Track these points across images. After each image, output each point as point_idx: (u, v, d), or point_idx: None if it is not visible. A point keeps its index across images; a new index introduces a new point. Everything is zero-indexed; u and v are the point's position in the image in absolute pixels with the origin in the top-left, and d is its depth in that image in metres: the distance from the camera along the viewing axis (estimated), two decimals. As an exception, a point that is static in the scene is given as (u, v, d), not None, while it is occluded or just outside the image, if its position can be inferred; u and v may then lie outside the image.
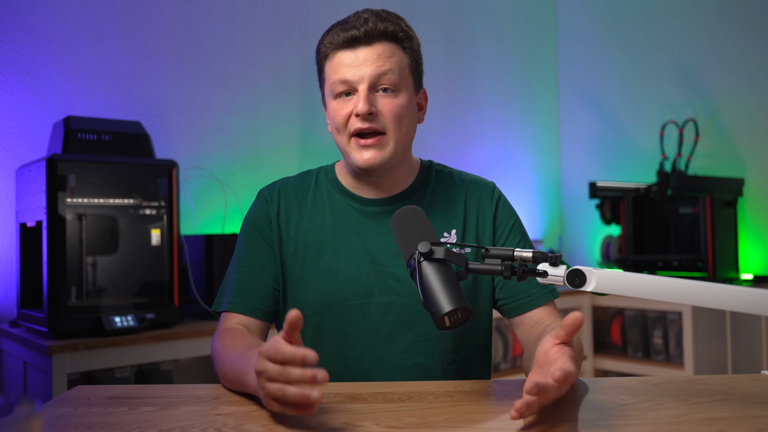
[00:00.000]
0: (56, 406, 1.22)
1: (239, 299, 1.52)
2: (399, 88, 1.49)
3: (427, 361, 1.51)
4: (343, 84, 1.48)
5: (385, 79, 1.47)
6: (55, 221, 2.43)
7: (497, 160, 4.66)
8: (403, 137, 1.51)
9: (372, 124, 1.46)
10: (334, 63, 1.50)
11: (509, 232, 1.61)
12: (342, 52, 1.48)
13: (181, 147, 3.33)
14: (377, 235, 1.55)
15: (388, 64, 1.48)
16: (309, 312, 1.52)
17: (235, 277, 1.56)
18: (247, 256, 1.57)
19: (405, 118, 1.51)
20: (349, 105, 1.48)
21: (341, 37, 1.48)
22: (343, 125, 1.49)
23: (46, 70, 2.96)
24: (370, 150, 1.47)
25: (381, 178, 1.56)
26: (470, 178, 1.67)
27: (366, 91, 1.46)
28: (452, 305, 1.11)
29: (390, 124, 1.48)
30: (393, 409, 1.17)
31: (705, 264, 3.71)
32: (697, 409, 1.15)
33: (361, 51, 1.47)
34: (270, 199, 1.61)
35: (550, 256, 1.16)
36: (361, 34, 1.47)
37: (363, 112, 1.45)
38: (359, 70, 1.46)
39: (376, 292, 1.51)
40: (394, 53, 1.50)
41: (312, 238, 1.56)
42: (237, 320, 1.51)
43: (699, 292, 1.11)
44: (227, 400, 1.25)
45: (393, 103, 1.48)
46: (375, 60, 1.47)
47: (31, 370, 2.51)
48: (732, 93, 4.06)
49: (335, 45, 1.49)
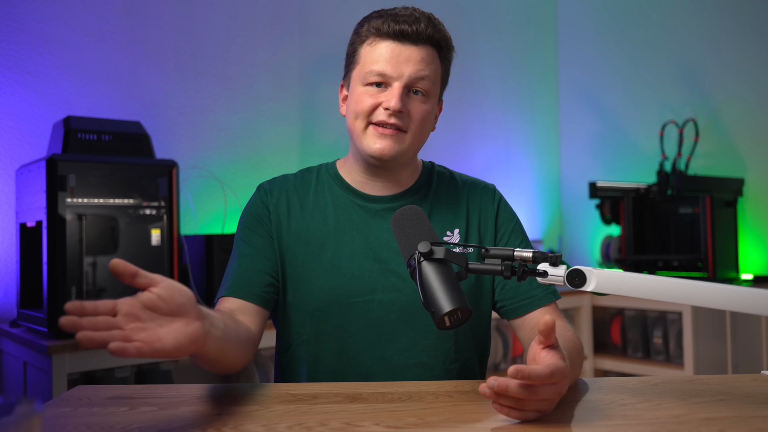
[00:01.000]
0: (56, 406, 1.21)
1: (235, 285, 1.49)
2: (429, 94, 1.51)
3: (429, 360, 1.51)
4: (379, 76, 1.47)
5: (421, 84, 1.48)
6: (55, 221, 2.42)
7: (497, 160, 4.65)
8: (419, 140, 1.53)
9: (398, 121, 1.47)
10: (376, 51, 1.48)
11: (511, 233, 1.61)
12: (387, 43, 1.48)
13: (181, 147, 3.33)
14: (380, 232, 1.54)
15: (428, 69, 1.49)
16: (311, 308, 1.51)
17: (235, 266, 1.53)
18: (246, 245, 1.55)
19: (427, 124, 1.53)
20: (380, 97, 1.48)
21: (391, 27, 1.47)
22: (366, 113, 1.49)
23: (46, 70, 2.96)
24: (387, 139, 1.48)
25: (386, 173, 1.56)
26: (471, 180, 1.68)
27: (401, 89, 1.46)
28: (452, 305, 1.11)
29: (414, 126, 1.49)
30: (393, 409, 1.17)
31: (705, 264, 3.71)
32: (697, 409, 1.15)
33: (406, 48, 1.47)
34: (269, 193, 1.60)
35: (550, 256, 1.16)
36: (412, 32, 1.47)
37: (396, 109, 1.45)
38: (400, 68, 1.47)
39: (378, 289, 1.51)
40: (434, 60, 1.51)
41: (314, 234, 1.55)
42: (227, 305, 1.47)
43: (699, 292, 1.11)
44: (227, 400, 1.25)
45: (422, 107, 1.50)
46: (418, 62, 1.47)
47: (31, 370, 2.50)
48: (732, 93, 4.06)
49: (382, 33, 1.48)
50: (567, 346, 1.36)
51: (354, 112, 1.51)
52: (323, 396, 1.26)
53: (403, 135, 1.49)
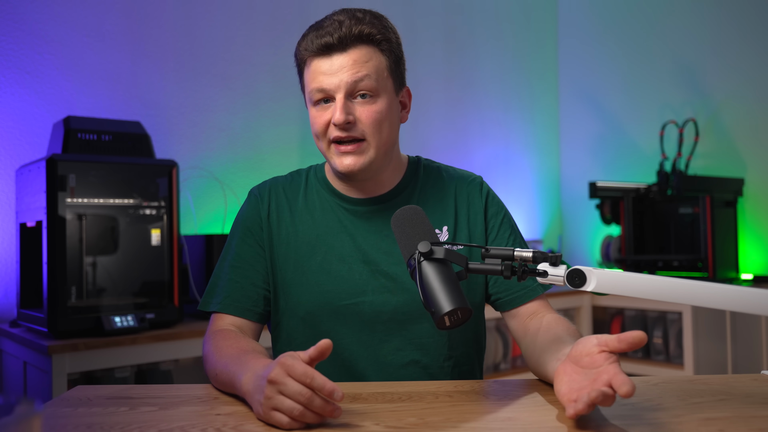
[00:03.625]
0: (56, 406, 1.21)
1: (229, 300, 1.51)
2: (377, 92, 1.46)
3: (423, 358, 1.51)
4: (320, 92, 1.45)
5: (362, 85, 1.44)
6: (55, 221, 2.43)
7: (497, 160, 4.65)
8: (384, 142, 1.48)
9: (350, 133, 1.45)
10: (311, 71, 1.46)
11: (500, 225, 1.61)
12: (318, 60, 1.45)
13: (181, 147, 3.33)
14: (368, 234, 1.54)
15: (365, 69, 1.44)
16: (302, 313, 1.52)
17: (225, 278, 1.54)
18: (237, 257, 1.56)
19: (385, 122, 1.47)
20: (327, 113, 1.45)
21: (315, 44, 1.44)
22: (323, 133, 1.47)
23: (46, 70, 2.96)
24: (350, 156, 1.46)
25: (365, 181, 1.55)
26: (458, 174, 1.66)
27: (343, 100, 1.43)
28: (452, 305, 1.11)
29: (369, 130, 1.45)
30: (393, 409, 1.17)
31: (705, 264, 3.71)
32: (697, 409, 1.15)
33: (336, 58, 1.43)
34: (261, 199, 1.60)
35: (550, 256, 1.16)
36: (335, 41, 1.43)
37: (340, 122, 1.43)
38: (335, 78, 1.43)
39: (369, 291, 1.51)
40: (370, 57, 1.45)
41: (303, 238, 1.55)
42: (229, 321, 1.50)
43: (699, 292, 1.11)
44: (227, 400, 1.25)
45: (371, 109, 1.45)
46: (351, 67, 1.43)
47: (31, 370, 2.50)
48: (732, 93, 4.06)
49: (310, 52, 1.46)
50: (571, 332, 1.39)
51: (314, 134, 1.51)
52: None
53: (364, 144, 1.46)
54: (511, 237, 1.61)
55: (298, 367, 1.06)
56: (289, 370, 1.06)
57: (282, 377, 1.06)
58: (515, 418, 1.14)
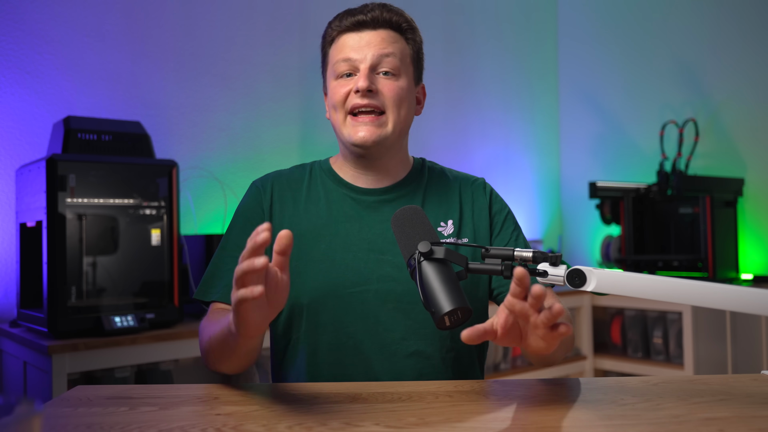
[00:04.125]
0: (56, 406, 1.21)
1: (228, 289, 1.49)
2: (399, 72, 1.54)
3: (427, 348, 1.51)
4: (346, 62, 1.52)
5: (386, 62, 1.52)
6: (55, 221, 2.43)
7: (497, 160, 4.66)
8: (401, 120, 1.54)
9: (371, 101, 1.50)
10: (339, 45, 1.55)
11: (503, 222, 1.63)
12: (347, 35, 1.54)
13: (181, 147, 3.33)
14: (374, 224, 1.55)
15: (391, 48, 1.53)
16: (306, 301, 1.51)
17: (224, 267, 1.54)
18: (237, 247, 1.55)
19: (404, 101, 1.54)
20: (350, 83, 1.52)
21: (348, 20, 1.54)
22: (341, 103, 1.52)
23: (46, 70, 2.96)
24: (367, 126, 1.51)
25: (376, 163, 1.57)
26: (462, 176, 1.70)
27: (367, 70, 1.51)
28: (452, 305, 1.11)
29: (390, 103, 1.52)
30: (393, 408, 1.17)
31: (705, 264, 3.71)
32: (697, 409, 1.15)
33: (365, 34, 1.53)
34: (263, 190, 1.60)
35: (550, 256, 1.16)
36: (368, 19, 1.53)
37: (363, 88, 1.49)
38: (362, 51, 1.52)
39: (374, 279, 1.51)
40: (396, 40, 1.56)
41: (307, 227, 1.55)
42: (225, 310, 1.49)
43: (699, 292, 1.11)
44: (227, 400, 1.25)
45: (394, 84, 1.53)
46: (378, 43, 1.52)
47: (31, 370, 2.50)
48: (732, 93, 4.06)
49: (341, 28, 1.55)
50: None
51: (332, 106, 1.55)
52: (323, 396, 1.25)
53: (383, 117, 1.52)
54: (515, 233, 1.63)
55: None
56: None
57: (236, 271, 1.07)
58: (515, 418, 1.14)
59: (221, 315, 1.38)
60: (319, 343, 1.51)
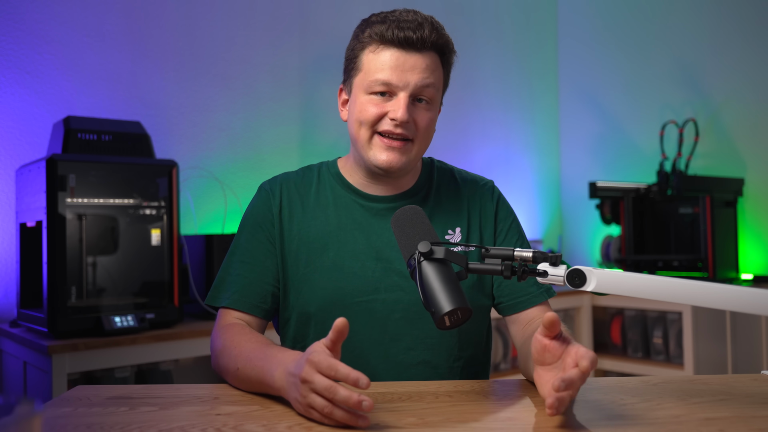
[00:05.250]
0: (56, 406, 1.21)
1: (238, 295, 1.50)
2: (433, 102, 1.51)
3: (433, 358, 1.51)
4: (384, 85, 1.45)
5: (426, 92, 1.48)
6: (55, 221, 2.42)
7: (497, 160, 4.65)
8: (424, 148, 1.53)
9: (405, 132, 1.47)
10: (380, 59, 1.46)
11: (508, 229, 1.63)
12: (391, 50, 1.45)
13: (181, 147, 3.32)
14: (382, 232, 1.54)
15: (432, 77, 1.47)
16: (313, 310, 1.51)
17: (234, 273, 1.54)
18: (246, 252, 1.55)
19: (431, 131, 1.52)
20: (385, 106, 1.46)
21: (395, 35, 1.44)
22: (371, 123, 1.47)
23: (46, 70, 2.95)
24: (395, 152, 1.48)
25: (389, 179, 1.56)
26: (471, 177, 1.68)
27: (407, 99, 1.45)
28: (452, 305, 1.11)
29: (420, 134, 1.49)
30: (393, 409, 1.17)
31: (705, 264, 3.70)
32: (697, 409, 1.15)
33: (411, 56, 1.45)
34: (272, 194, 1.59)
35: (550, 256, 1.16)
36: (417, 39, 1.44)
37: (403, 120, 1.44)
38: (405, 76, 1.44)
39: (382, 288, 1.51)
40: (437, 67, 1.50)
41: (315, 234, 1.55)
42: (236, 316, 1.50)
43: (699, 292, 1.11)
44: (227, 400, 1.25)
45: (427, 116, 1.49)
46: (423, 70, 1.46)
47: (31, 370, 2.50)
48: (732, 93, 4.05)
49: (386, 40, 1.45)
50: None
51: (358, 121, 1.49)
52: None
53: (410, 145, 1.49)
54: (518, 242, 1.62)
55: (323, 362, 1.07)
56: (317, 366, 1.07)
57: (311, 375, 1.08)
58: (515, 418, 1.14)
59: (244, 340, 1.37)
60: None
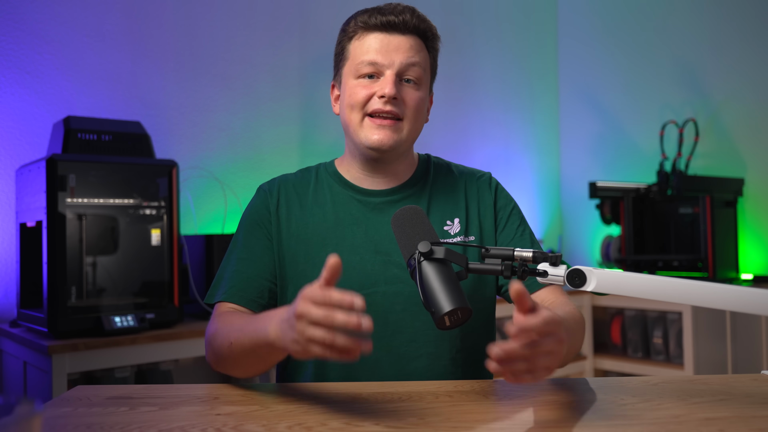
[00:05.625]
0: (56, 406, 1.21)
1: (235, 289, 1.51)
2: (420, 83, 1.54)
3: (436, 350, 1.51)
4: (371, 66, 1.51)
5: (411, 71, 1.52)
6: (55, 221, 2.42)
7: (497, 160, 4.65)
8: (415, 129, 1.55)
9: (393, 108, 1.49)
10: (365, 43, 1.52)
11: (509, 216, 1.63)
12: (375, 34, 1.52)
13: (181, 147, 3.32)
14: (381, 226, 1.55)
15: (417, 56, 1.53)
16: None
17: (232, 269, 1.54)
18: (245, 249, 1.56)
19: (421, 111, 1.55)
20: (373, 87, 1.51)
21: (378, 19, 1.51)
22: (361, 105, 1.51)
23: (46, 70, 2.95)
24: (385, 130, 1.50)
25: (384, 166, 1.58)
26: (468, 170, 1.70)
27: (394, 77, 1.49)
28: (452, 305, 1.11)
29: (409, 112, 1.52)
30: (393, 408, 1.17)
31: (705, 264, 3.70)
32: (697, 409, 1.15)
33: (394, 37, 1.51)
34: (270, 194, 1.61)
35: (550, 256, 1.16)
36: (399, 21, 1.51)
37: (391, 95, 1.48)
38: (390, 56, 1.50)
39: (381, 281, 1.51)
40: (422, 49, 1.55)
41: (314, 231, 1.56)
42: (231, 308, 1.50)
43: (699, 292, 1.11)
44: (227, 400, 1.25)
45: (415, 94, 1.53)
46: (407, 50, 1.51)
47: (31, 370, 2.49)
48: (732, 93, 4.05)
49: (369, 26, 1.52)
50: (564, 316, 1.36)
51: (349, 105, 1.53)
52: (323, 396, 1.25)
53: (400, 124, 1.52)
54: (520, 228, 1.63)
55: (317, 292, 1.05)
56: (312, 298, 1.05)
57: (306, 307, 1.05)
58: (515, 418, 1.14)
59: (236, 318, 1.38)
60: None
